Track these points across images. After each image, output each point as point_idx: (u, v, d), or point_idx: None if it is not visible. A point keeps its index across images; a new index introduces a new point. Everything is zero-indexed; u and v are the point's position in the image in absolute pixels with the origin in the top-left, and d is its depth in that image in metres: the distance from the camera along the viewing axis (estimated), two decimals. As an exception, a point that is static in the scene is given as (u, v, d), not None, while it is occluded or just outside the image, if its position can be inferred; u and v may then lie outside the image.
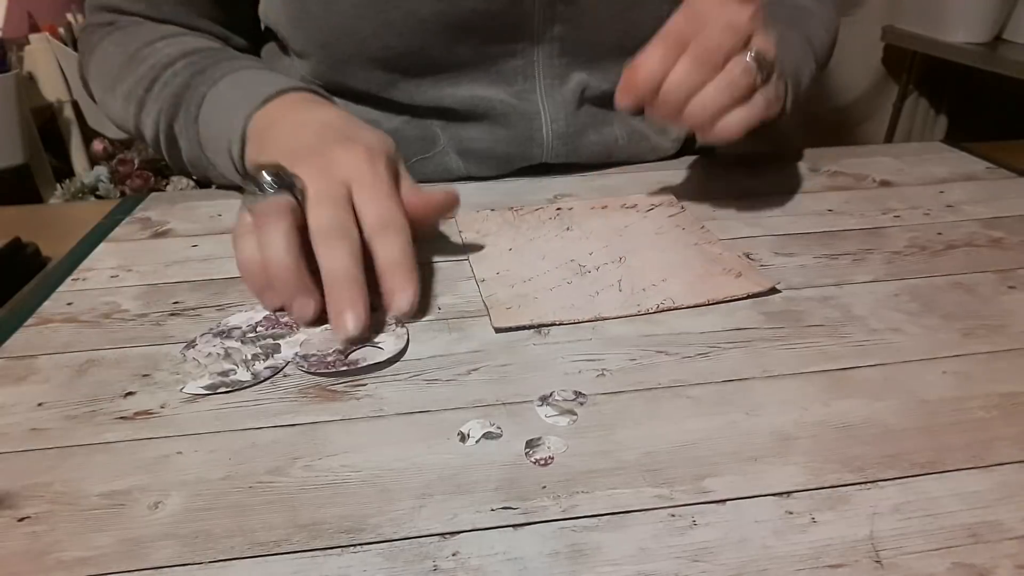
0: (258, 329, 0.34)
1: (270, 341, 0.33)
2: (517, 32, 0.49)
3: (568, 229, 0.44)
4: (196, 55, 0.48)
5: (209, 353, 0.32)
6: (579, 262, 0.40)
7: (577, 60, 0.51)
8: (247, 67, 0.47)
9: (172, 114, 0.47)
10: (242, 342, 0.33)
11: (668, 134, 0.57)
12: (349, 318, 0.32)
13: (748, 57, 0.38)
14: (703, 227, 0.43)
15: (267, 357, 0.32)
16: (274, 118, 0.42)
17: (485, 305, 0.36)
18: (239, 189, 0.48)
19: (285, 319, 0.35)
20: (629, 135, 0.55)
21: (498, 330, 0.34)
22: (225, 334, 0.34)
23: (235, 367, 0.31)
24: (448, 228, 0.45)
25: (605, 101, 0.53)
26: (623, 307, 0.35)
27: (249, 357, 0.32)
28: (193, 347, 0.33)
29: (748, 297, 0.36)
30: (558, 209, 0.47)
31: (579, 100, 0.52)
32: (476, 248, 0.42)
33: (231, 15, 0.54)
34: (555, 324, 0.34)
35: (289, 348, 0.33)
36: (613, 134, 0.54)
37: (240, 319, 0.35)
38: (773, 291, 0.36)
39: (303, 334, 0.34)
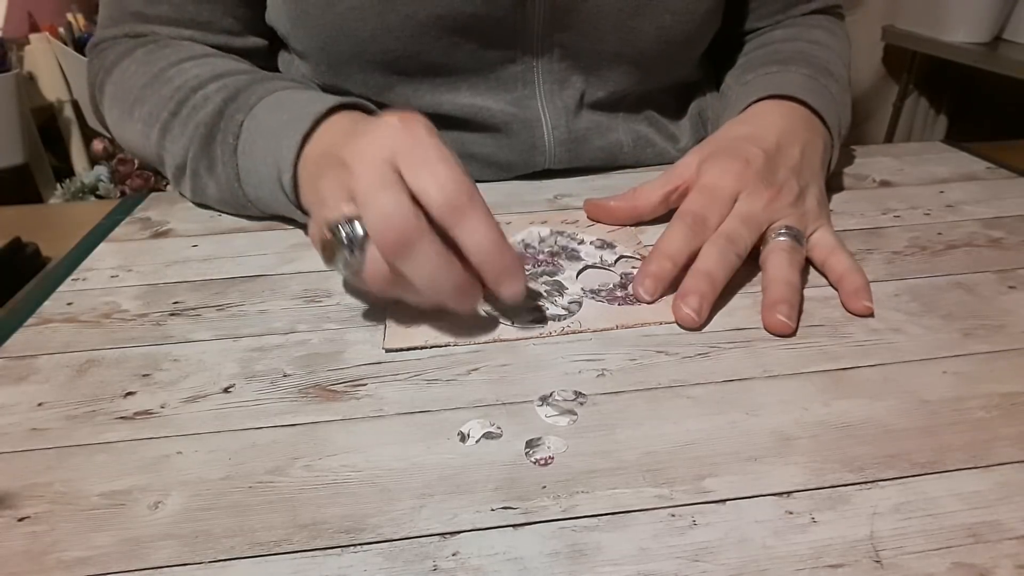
0: (527, 267, 0.37)
1: (549, 278, 0.37)
2: (516, 39, 0.49)
3: None
4: (227, 77, 0.45)
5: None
6: None
7: (577, 66, 0.51)
8: (281, 87, 0.44)
9: (204, 143, 0.44)
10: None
11: (676, 141, 0.57)
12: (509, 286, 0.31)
13: (782, 237, 0.38)
14: (639, 243, 0.42)
15: (560, 294, 0.35)
16: (325, 140, 0.38)
17: (385, 322, 0.35)
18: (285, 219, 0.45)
19: (541, 255, 0.39)
20: (634, 141, 0.54)
21: (388, 351, 0.33)
22: None
23: (543, 302, 0.35)
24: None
25: (605, 107, 0.53)
26: (524, 329, 0.34)
27: (544, 292, 0.36)
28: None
29: (661, 324, 0.34)
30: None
31: (578, 105, 0.52)
32: None
33: (254, 11, 0.52)
34: (448, 346, 0.33)
35: (571, 284, 0.37)
36: (618, 140, 0.54)
37: None
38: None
39: (572, 269, 0.38)
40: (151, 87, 0.47)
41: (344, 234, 0.30)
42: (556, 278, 0.37)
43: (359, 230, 0.30)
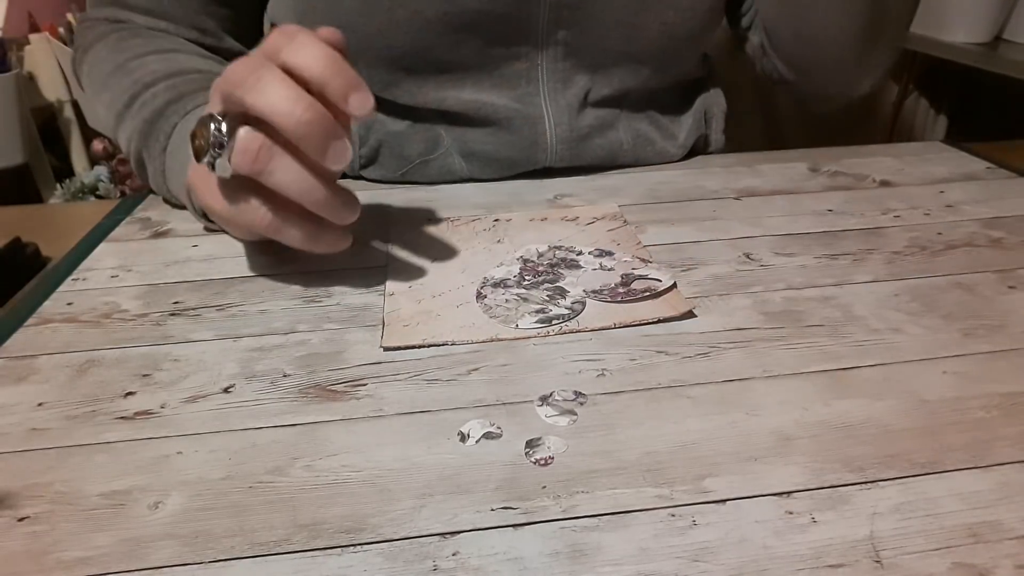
0: (527, 278, 0.38)
1: (549, 285, 0.37)
2: (521, 35, 0.49)
3: (499, 242, 0.42)
4: (179, 77, 0.47)
5: (508, 300, 0.36)
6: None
7: (581, 64, 0.51)
8: None
9: (143, 139, 0.46)
10: (527, 289, 0.37)
11: (675, 138, 0.57)
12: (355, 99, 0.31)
13: None
14: (639, 242, 0.42)
15: (562, 297, 0.36)
16: None
17: (383, 321, 0.35)
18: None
19: (541, 267, 0.39)
20: (634, 140, 0.54)
21: (386, 349, 0.33)
22: (500, 285, 0.37)
23: (546, 306, 0.35)
24: (378, 236, 0.44)
25: (608, 104, 0.53)
26: (524, 329, 0.34)
27: (547, 298, 0.36)
28: (483, 299, 0.36)
29: (659, 321, 0.34)
30: (495, 220, 0.46)
31: (582, 103, 0.52)
32: (399, 259, 0.41)
33: (236, 12, 0.53)
34: (448, 344, 0.33)
35: (572, 288, 0.37)
36: (618, 138, 0.54)
37: (500, 273, 0.38)
38: (690, 315, 0.35)
39: (573, 276, 0.38)
40: (114, 76, 0.49)
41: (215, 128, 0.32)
42: (557, 284, 0.37)
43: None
